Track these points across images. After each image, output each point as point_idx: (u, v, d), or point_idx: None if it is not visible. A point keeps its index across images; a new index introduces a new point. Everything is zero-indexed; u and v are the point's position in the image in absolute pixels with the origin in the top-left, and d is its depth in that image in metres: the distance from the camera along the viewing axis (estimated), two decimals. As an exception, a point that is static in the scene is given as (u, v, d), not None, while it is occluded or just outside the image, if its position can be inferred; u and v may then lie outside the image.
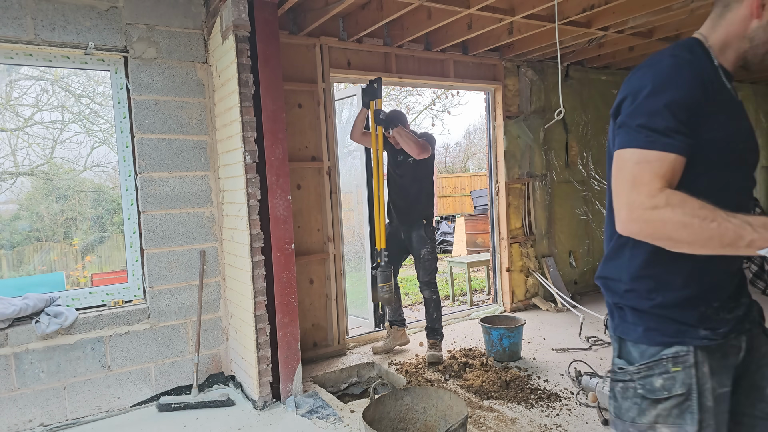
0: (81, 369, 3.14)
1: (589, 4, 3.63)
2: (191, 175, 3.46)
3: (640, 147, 1.11)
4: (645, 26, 4.34)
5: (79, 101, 6.18)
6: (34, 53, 3.07)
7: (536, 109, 5.32)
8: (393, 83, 4.58)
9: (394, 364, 3.85)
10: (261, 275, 3.16)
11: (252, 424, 3.02)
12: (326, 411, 3.10)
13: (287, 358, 3.24)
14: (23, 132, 6.22)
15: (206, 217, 3.52)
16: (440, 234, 11.02)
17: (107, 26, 3.17)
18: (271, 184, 3.16)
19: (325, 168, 4.09)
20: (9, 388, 2.95)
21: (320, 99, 4.05)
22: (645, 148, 1.11)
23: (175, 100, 3.39)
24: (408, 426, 2.66)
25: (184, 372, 3.45)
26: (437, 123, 21.85)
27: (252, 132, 3.12)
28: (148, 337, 3.33)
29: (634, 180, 1.11)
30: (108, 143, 5.84)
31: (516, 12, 3.69)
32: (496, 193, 5.20)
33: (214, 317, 3.57)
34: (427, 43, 4.56)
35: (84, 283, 5.33)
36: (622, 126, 1.16)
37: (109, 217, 5.56)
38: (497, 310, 5.20)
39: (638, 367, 1.20)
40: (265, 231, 3.17)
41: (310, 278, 4.08)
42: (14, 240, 5.37)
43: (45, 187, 6.13)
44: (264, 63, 3.12)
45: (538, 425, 2.83)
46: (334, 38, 4.09)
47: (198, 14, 3.45)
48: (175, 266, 3.41)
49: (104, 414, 3.20)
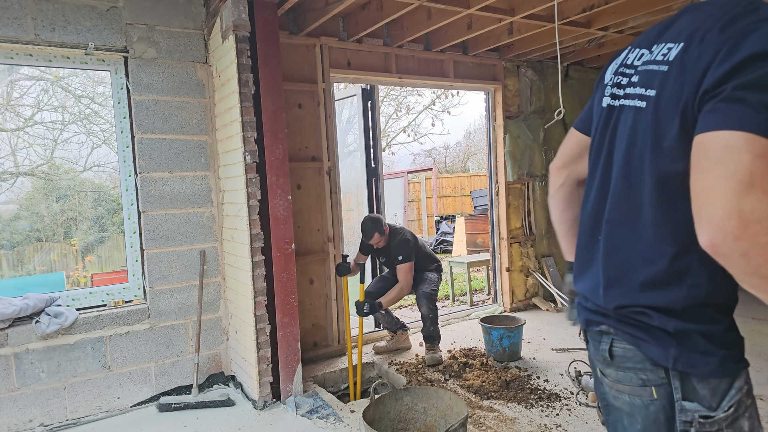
0: (81, 369, 3.14)
1: (589, 4, 3.63)
2: (191, 175, 3.46)
3: (765, 135, 0.78)
4: (645, 26, 4.33)
5: (79, 101, 6.19)
6: (35, 53, 3.08)
7: (536, 109, 5.31)
8: (393, 83, 4.58)
9: (394, 364, 3.85)
10: (261, 275, 3.17)
11: (252, 424, 3.02)
12: (326, 411, 3.10)
13: (287, 358, 3.24)
14: (23, 132, 6.22)
15: (206, 217, 3.52)
16: (440, 234, 11.02)
17: (107, 26, 3.17)
18: (271, 184, 3.16)
19: (325, 168, 4.09)
20: (9, 388, 2.95)
21: (320, 99, 4.05)
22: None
23: (175, 100, 3.39)
24: (408, 426, 2.66)
25: (184, 372, 3.45)
26: (437, 123, 21.89)
27: (252, 132, 3.12)
28: (148, 337, 3.33)
29: (752, 179, 0.77)
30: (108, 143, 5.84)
31: (516, 12, 3.69)
32: (496, 193, 5.20)
33: (214, 317, 3.57)
34: (427, 43, 4.56)
35: (84, 283, 5.34)
36: (736, 100, 0.80)
37: (109, 217, 5.56)
38: (497, 310, 5.20)
39: (726, 412, 0.93)
40: (265, 231, 3.17)
41: (310, 278, 4.08)
42: (14, 240, 5.37)
43: (45, 187, 6.13)
44: (264, 63, 3.12)
45: (538, 425, 2.84)
46: (334, 38, 4.09)
47: (198, 14, 3.45)
48: (176, 266, 3.41)
49: (104, 414, 3.20)
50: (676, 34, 0.97)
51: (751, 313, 4.69)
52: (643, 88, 0.99)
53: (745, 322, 4.44)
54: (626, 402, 1.02)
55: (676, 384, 0.96)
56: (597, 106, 1.16)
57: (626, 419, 1.02)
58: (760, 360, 3.58)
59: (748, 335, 4.11)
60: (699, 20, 0.94)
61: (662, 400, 0.97)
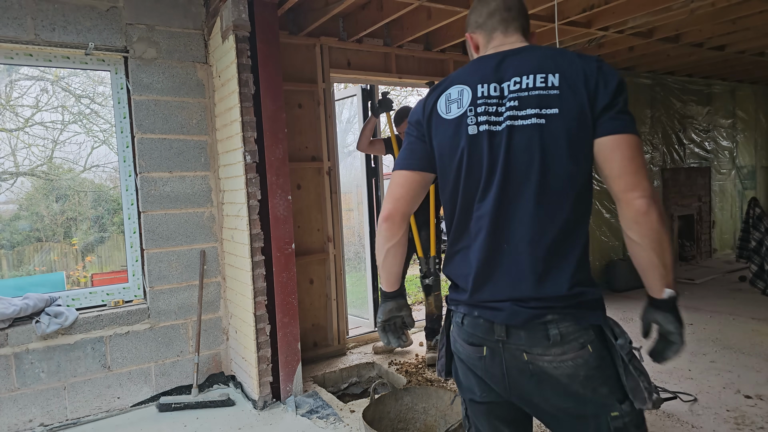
0: (81, 369, 3.14)
1: (589, 4, 3.63)
2: (191, 175, 3.46)
3: (638, 137, 1.22)
4: (645, 26, 4.34)
5: (79, 101, 6.18)
6: (35, 53, 3.08)
7: (536, 109, 5.31)
8: (393, 83, 4.58)
9: (394, 364, 3.85)
10: (261, 275, 3.17)
11: (252, 423, 3.02)
12: (326, 411, 3.10)
13: (287, 358, 3.24)
14: (23, 132, 6.22)
15: (206, 217, 3.52)
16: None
17: (107, 26, 3.17)
18: (271, 184, 3.16)
19: (325, 168, 4.09)
20: (9, 388, 2.95)
21: (320, 99, 4.05)
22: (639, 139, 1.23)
23: (176, 100, 3.39)
24: (408, 426, 2.66)
25: (185, 372, 3.45)
26: (437, 123, 21.84)
27: (252, 132, 3.12)
28: (148, 337, 3.33)
29: (644, 166, 1.21)
30: (108, 143, 5.84)
31: (516, 12, 3.68)
32: (496, 193, 5.20)
33: (214, 317, 3.57)
34: (427, 43, 4.56)
35: (84, 283, 5.33)
36: (626, 113, 1.23)
37: (109, 217, 5.56)
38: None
39: (626, 336, 1.28)
40: (265, 231, 3.17)
41: (310, 278, 4.08)
42: (14, 240, 5.37)
43: (45, 187, 6.13)
44: (264, 63, 3.12)
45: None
46: (334, 38, 4.09)
47: (198, 14, 3.45)
48: (176, 266, 3.41)
49: (104, 414, 3.20)
50: (535, 68, 1.26)
51: (751, 313, 4.69)
52: (537, 108, 1.23)
53: (745, 322, 4.44)
54: (569, 366, 1.24)
55: (608, 333, 1.26)
56: (453, 137, 1.32)
57: (566, 379, 1.25)
58: (760, 360, 3.58)
59: (748, 335, 4.11)
60: (543, 58, 1.27)
61: (595, 351, 1.25)
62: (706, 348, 3.88)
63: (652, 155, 6.52)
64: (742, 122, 7.73)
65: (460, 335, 1.39)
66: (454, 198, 1.36)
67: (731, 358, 3.65)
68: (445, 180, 1.39)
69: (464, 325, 1.37)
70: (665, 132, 6.68)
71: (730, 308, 4.90)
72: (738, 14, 4.01)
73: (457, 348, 1.42)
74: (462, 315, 1.38)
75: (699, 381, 3.29)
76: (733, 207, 7.76)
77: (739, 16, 4.06)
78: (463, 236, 1.37)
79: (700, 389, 3.17)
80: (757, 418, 2.79)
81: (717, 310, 4.88)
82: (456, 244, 1.40)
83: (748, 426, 2.71)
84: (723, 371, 3.43)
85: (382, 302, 1.55)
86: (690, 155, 7.03)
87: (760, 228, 5.27)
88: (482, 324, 1.32)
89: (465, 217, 1.35)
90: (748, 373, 3.38)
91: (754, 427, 2.70)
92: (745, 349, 3.82)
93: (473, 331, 1.34)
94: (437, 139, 1.37)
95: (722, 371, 3.43)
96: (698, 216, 7.16)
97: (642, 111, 6.37)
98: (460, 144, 1.31)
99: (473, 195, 1.31)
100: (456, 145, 1.32)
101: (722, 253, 7.56)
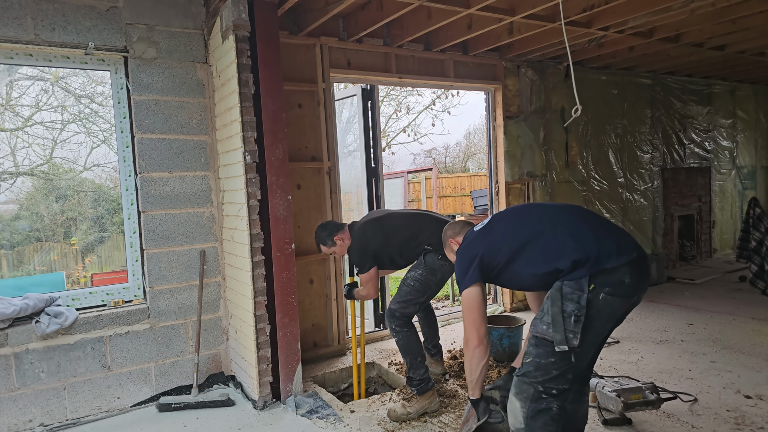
0: (81, 369, 3.14)
1: (590, 4, 3.63)
2: (191, 175, 3.46)
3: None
4: (645, 26, 4.34)
5: (79, 101, 6.18)
6: (34, 53, 3.07)
7: (536, 109, 5.31)
8: (393, 83, 4.58)
9: (394, 364, 3.85)
10: (261, 275, 3.16)
11: (252, 424, 3.02)
12: (326, 411, 3.10)
13: (287, 358, 3.24)
14: (23, 132, 6.21)
15: (206, 217, 3.52)
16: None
17: (107, 26, 3.17)
18: (271, 184, 3.16)
19: (325, 168, 4.09)
20: (9, 388, 2.95)
21: (320, 99, 4.05)
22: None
23: (175, 100, 3.39)
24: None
25: (184, 372, 3.45)
26: (437, 123, 21.88)
27: (252, 132, 3.12)
28: (148, 337, 3.33)
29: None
30: (108, 143, 5.83)
31: (516, 12, 3.69)
32: (496, 193, 5.20)
33: (214, 317, 3.57)
34: (427, 43, 4.56)
35: (84, 283, 5.33)
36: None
37: (109, 217, 5.55)
38: (497, 310, 5.20)
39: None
40: (265, 231, 3.17)
41: (310, 278, 4.08)
42: (14, 240, 5.36)
43: (45, 187, 6.13)
44: (264, 63, 3.12)
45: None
46: (334, 38, 4.09)
47: (198, 14, 3.45)
48: (175, 266, 3.41)
49: (104, 414, 3.20)
50: None
51: (751, 313, 4.69)
52: None
53: (745, 322, 4.44)
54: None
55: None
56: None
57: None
58: (760, 360, 3.58)
59: (748, 335, 4.11)
60: None
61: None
62: (706, 348, 3.88)
63: (652, 155, 6.52)
64: (742, 122, 7.74)
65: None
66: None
67: (731, 358, 3.64)
68: None
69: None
70: (665, 132, 6.68)
71: (730, 308, 4.90)
72: (738, 14, 4.01)
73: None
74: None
75: (699, 381, 3.29)
76: (733, 207, 7.76)
77: (740, 16, 4.06)
78: None
79: (700, 389, 3.17)
80: (757, 418, 2.79)
81: (717, 310, 4.88)
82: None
83: (748, 426, 2.71)
84: (723, 371, 3.43)
85: (473, 406, 2.24)
86: (690, 155, 7.03)
87: (760, 228, 5.27)
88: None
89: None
90: (748, 373, 3.38)
91: (754, 427, 2.70)
92: (745, 349, 3.82)
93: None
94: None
95: (722, 371, 3.43)
96: (698, 216, 7.16)
97: (642, 111, 6.37)
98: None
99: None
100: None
101: (722, 253, 7.56)
